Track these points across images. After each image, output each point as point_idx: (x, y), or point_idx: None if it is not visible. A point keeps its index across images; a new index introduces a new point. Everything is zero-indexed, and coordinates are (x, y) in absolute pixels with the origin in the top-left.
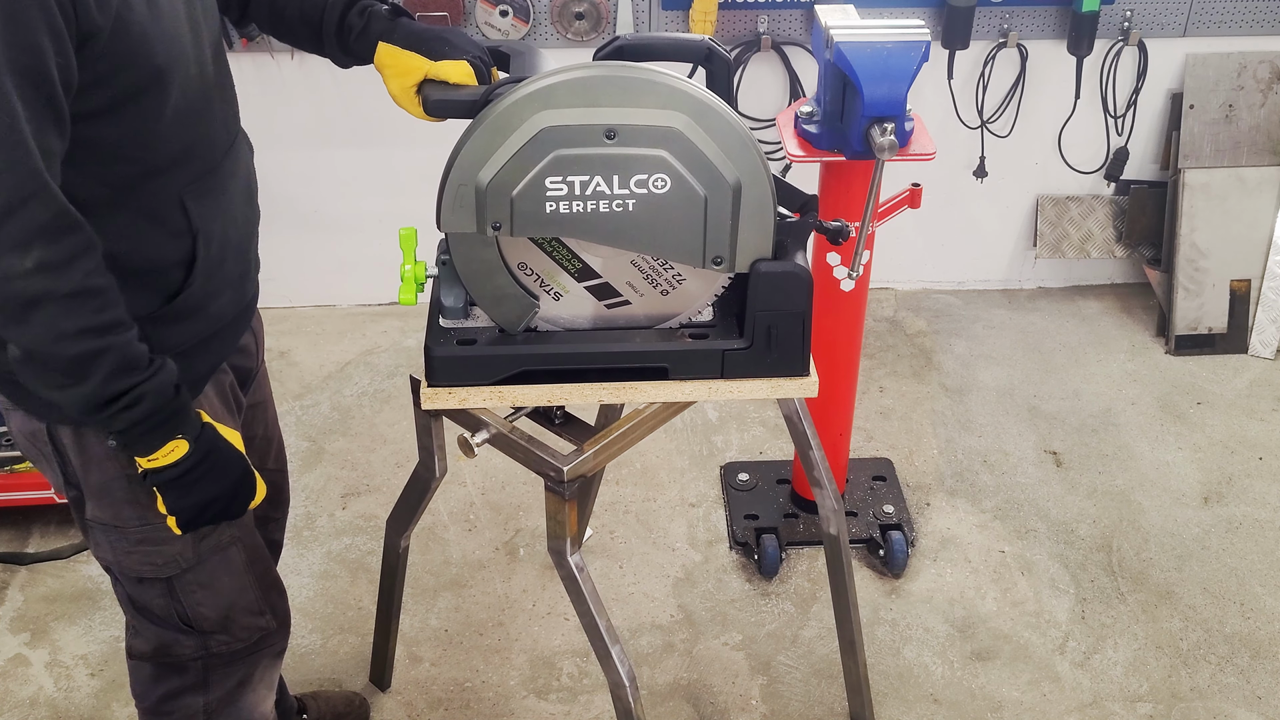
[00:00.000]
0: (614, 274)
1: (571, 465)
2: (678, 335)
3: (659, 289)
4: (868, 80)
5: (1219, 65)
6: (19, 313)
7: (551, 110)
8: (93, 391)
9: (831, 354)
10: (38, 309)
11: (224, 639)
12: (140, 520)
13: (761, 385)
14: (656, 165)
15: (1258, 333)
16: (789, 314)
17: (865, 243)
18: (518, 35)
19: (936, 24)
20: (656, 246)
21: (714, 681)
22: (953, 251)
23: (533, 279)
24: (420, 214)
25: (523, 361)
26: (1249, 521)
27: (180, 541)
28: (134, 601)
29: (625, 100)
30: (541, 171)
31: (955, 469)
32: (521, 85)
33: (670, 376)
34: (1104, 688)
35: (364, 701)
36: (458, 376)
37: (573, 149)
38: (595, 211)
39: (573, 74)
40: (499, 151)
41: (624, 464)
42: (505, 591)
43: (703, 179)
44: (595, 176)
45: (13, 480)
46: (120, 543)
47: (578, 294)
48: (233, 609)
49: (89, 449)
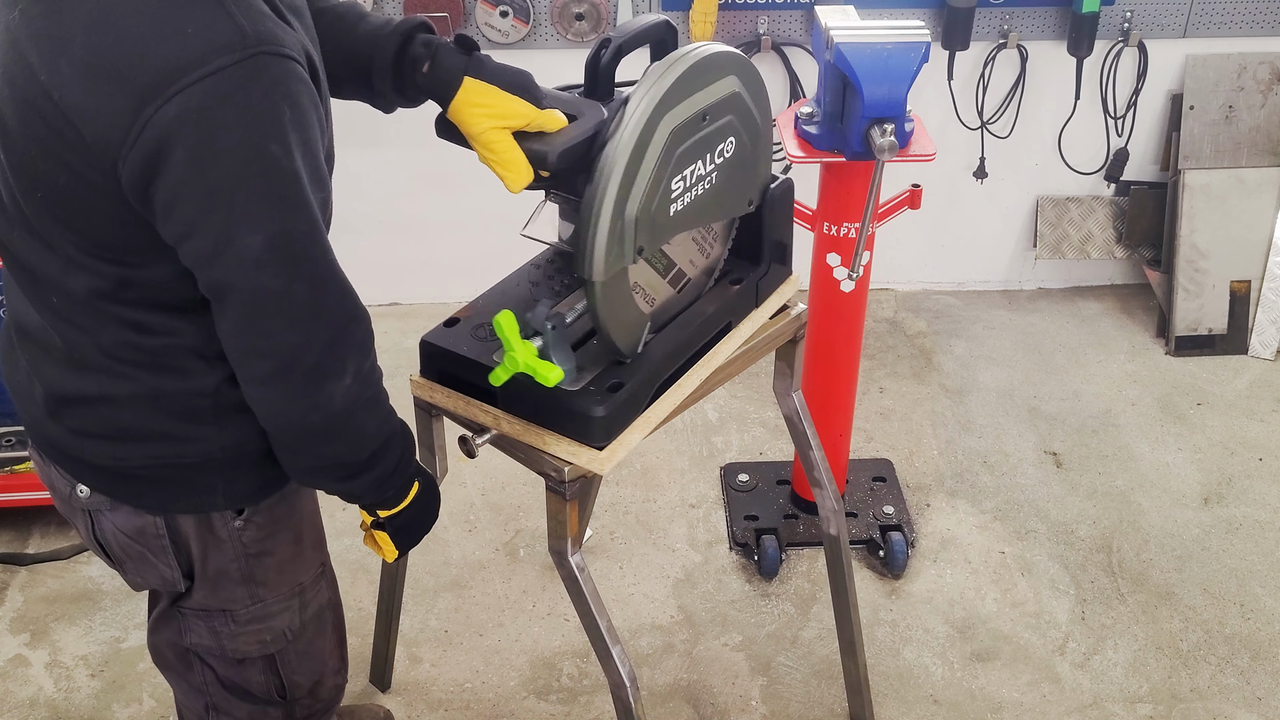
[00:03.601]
0: (682, 256)
1: (572, 465)
2: (725, 290)
3: (704, 254)
4: (868, 81)
5: (1219, 66)
6: (331, 429)
7: (670, 112)
8: (383, 472)
9: (831, 355)
10: (351, 419)
11: (307, 703)
12: (251, 599)
13: (776, 300)
14: (729, 131)
15: (1258, 334)
16: (788, 224)
17: (865, 243)
18: (518, 36)
19: (936, 25)
20: (727, 208)
21: (714, 682)
22: (953, 252)
23: (640, 294)
24: (419, 214)
25: (658, 376)
26: (1249, 522)
27: (287, 613)
28: (226, 683)
29: (706, 80)
30: (669, 175)
31: (955, 470)
32: (639, 101)
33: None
34: (1104, 689)
35: (389, 714)
36: (621, 424)
37: (687, 142)
38: (697, 196)
39: (674, 71)
40: (640, 174)
41: (624, 464)
42: (505, 592)
43: (750, 131)
44: (696, 162)
45: (13, 480)
46: (226, 627)
47: (664, 291)
48: (322, 673)
49: (215, 534)
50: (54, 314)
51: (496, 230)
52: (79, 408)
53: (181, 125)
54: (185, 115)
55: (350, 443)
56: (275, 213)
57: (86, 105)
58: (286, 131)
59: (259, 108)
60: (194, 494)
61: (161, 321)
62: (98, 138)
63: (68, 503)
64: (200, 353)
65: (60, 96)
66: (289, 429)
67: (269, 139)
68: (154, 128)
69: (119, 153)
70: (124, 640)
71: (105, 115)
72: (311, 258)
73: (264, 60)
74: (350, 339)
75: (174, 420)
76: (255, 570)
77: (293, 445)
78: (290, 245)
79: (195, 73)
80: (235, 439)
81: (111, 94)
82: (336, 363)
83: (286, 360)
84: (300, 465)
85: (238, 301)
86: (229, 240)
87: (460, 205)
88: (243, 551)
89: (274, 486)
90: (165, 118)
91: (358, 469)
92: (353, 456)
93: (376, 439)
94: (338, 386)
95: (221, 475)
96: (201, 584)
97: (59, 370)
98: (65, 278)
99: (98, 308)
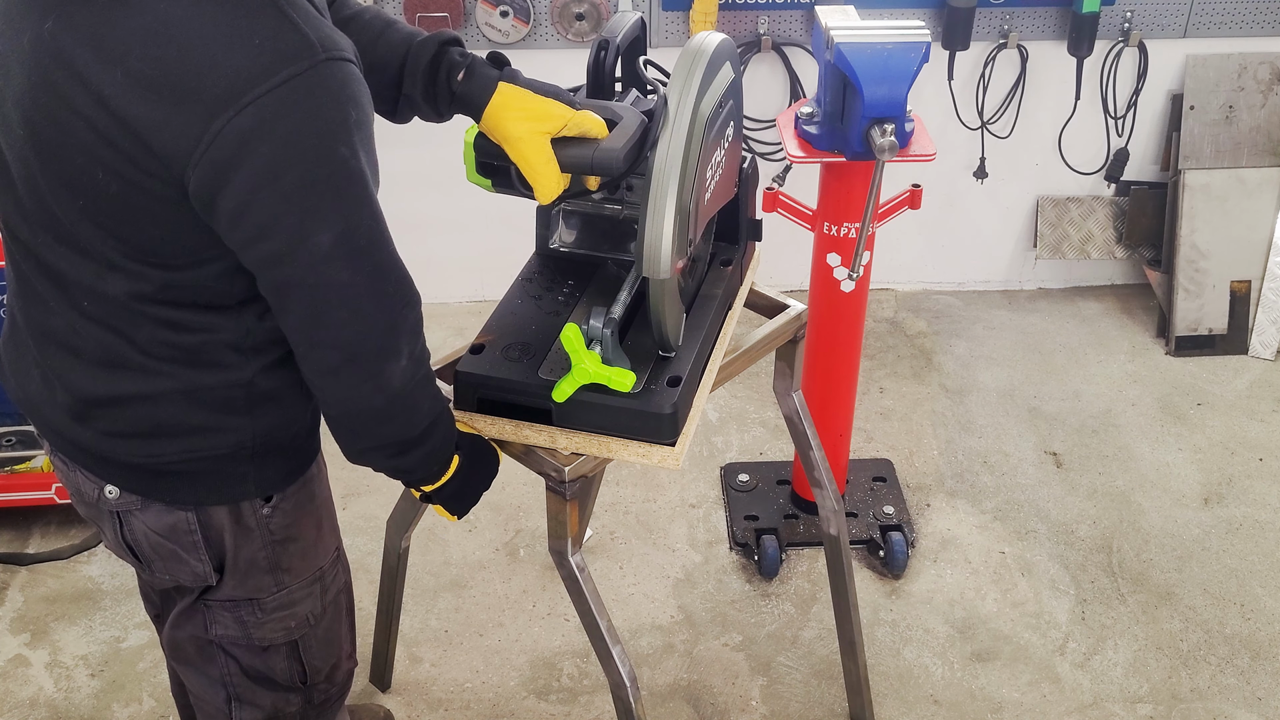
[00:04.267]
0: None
1: (573, 466)
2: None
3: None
4: (868, 81)
5: (1219, 66)
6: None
7: (702, 102)
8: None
9: (832, 354)
10: (408, 399)
11: (324, 687)
12: (277, 586)
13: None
14: (732, 115)
15: (1258, 334)
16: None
17: (865, 244)
18: (518, 36)
19: (937, 25)
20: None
21: (714, 682)
22: (953, 252)
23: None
24: (418, 214)
25: (703, 360)
26: (1249, 523)
27: (310, 599)
28: (250, 673)
29: (717, 68)
30: (702, 162)
31: (955, 470)
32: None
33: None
34: (1104, 689)
35: (389, 714)
36: (684, 416)
37: (713, 130)
38: (716, 180)
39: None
40: (687, 164)
41: (624, 464)
42: (505, 592)
43: (739, 116)
44: (718, 149)
45: (13, 480)
46: (253, 616)
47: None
48: (338, 656)
49: (244, 523)
50: (85, 317)
51: (496, 230)
52: (111, 409)
53: (255, 135)
54: (260, 126)
55: (406, 421)
56: (345, 212)
57: (152, 116)
58: (352, 133)
59: (327, 113)
60: (227, 484)
61: (200, 319)
62: (164, 148)
63: (95, 506)
64: (237, 346)
65: (117, 107)
66: (354, 413)
67: (338, 142)
68: (226, 137)
69: (188, 161)
70: (124, 640)
71: (173, 126)
72: (375, 249)
73: (330, 67)
74: (406, 322)
75: (209, 413)
76: (281, 558)
77: (354, 428)
78: (357, 240)
79: (266, 83)
80: (266, 427)
81: (179, 105)
82: (394, 345)
83: (351, 349)
84: (359, 446)
85: (304, 297)
86: (301, 239)
87: (460, 205)
88: (270, 539)
89: (299, 471)
90: (238, 128)
91: (410, 445)
92: (408, 434)
93: (429, 415)
94: (395, 368)
95: (252, 464)
96: (232, 575)
97: (90, 373)
98: (99, 282)
99: (135, 309)
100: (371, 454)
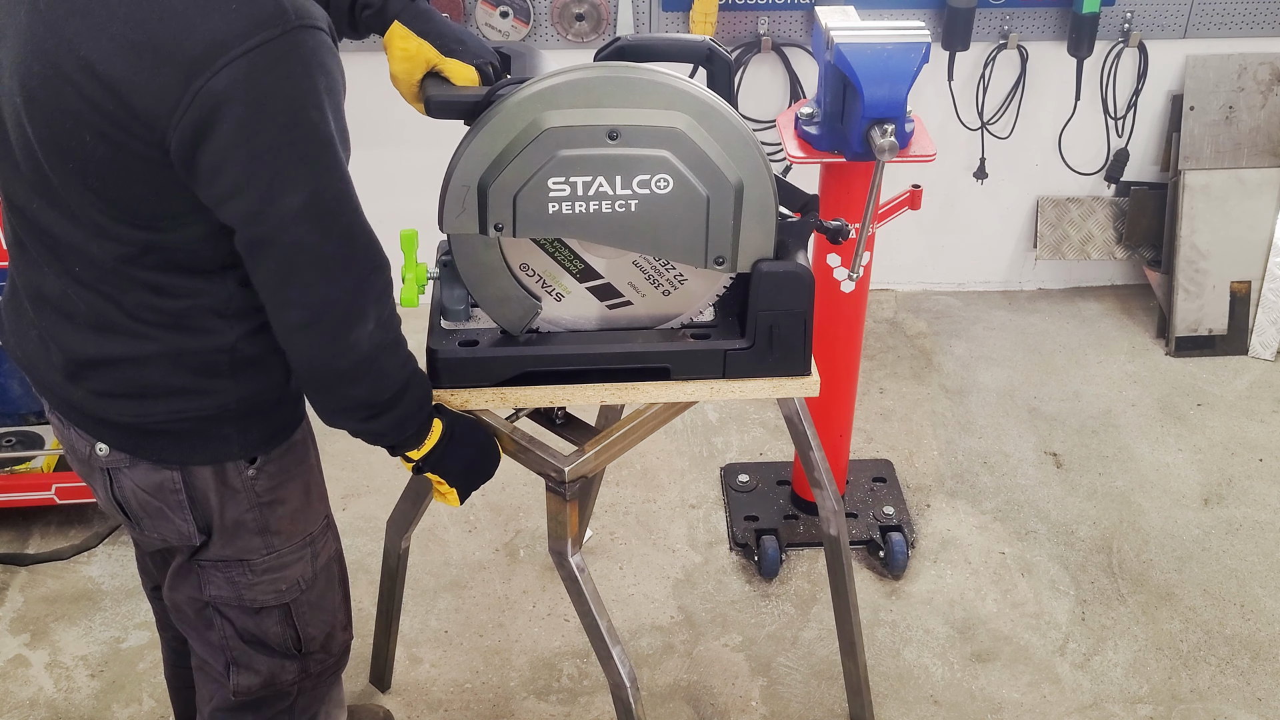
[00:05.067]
0: (616, 274)
1: (573, 466)
2: (680, 335)
3: (661, 289)
4: (868, 81)
5: (1219, 67)
6: (358, 371)
7: (555, 111)
8: (405, 411)
9: (831, 355)
10: (375, 363)
11: (320, 657)
12: (266, 549)
13: (763, 385)
14: (659, 165)
15: (1258, 334)
16: (791, 314)
17: (865, 244)
18: (518, 36)
19: (937, 25)
20: (659, 247)
21: (714, 683)
22: (953, 253)
23: (535, 280)
24: (417, 214)
25: (526, 363)
26: (1249, 523)
27: (300, 563)
28: (245, 635)
29: (628, 101)
30: (545, 172)
31: (955, 470)
32: (524, 86)
33: (673, 377)
34: (1104, 689)
35: (389, 714)
36: (461, 379)
37: (576, 150)
38: (598, 212)
39: (575, 75)
40: (502, 153)
41: (624, 465)
42: (505, 592)
43: (705, 179)
44: (598, 177)
45: (13, 481)
46: (244, 576)
47: (580, 295)
48: (333, 625)
49: (230, 484)
50: (77, 281)
51: None
52: (102, 369)
53: (229, 96)
54: (233, 86)
55: (374, 384)
56: (312, 173)
57: (135, 79)
58: (322, 99)
59: (298, 78)
60: (211, 445)
61: (184, 284)
62: (147, 109)
63: (86, 463)
64: (220, 312)
65: (104, 70)
66: (321, 372)
67: (307, 106)
68: (203, 98)
69: (169, 122)
70: (124, 640)
71: (153, 88)
72: (344, 213)
73: (301, 34)
74: (374, 286)
75: (194, 376)
76: (269, 520)
77: (323, 388)
78: (324, 203)
79: (240, 46)
80: (249, 391)
81: (159, 67)
82: (360, 308)
83: (317, 309)
84: (330, 407)
85: (275, 255)
86: (271, 199)
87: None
88: (256, 501)
89: (283, 435)
90: (214, 89)
91: (380, 409)
92: (377, 397)
93: (398, 380)
94: (363, 331)
95: (235, 426)
96: (220, 535)
97: (81, 335)
98: (90, 245)
99: (123, 273)
100: (342, 416)
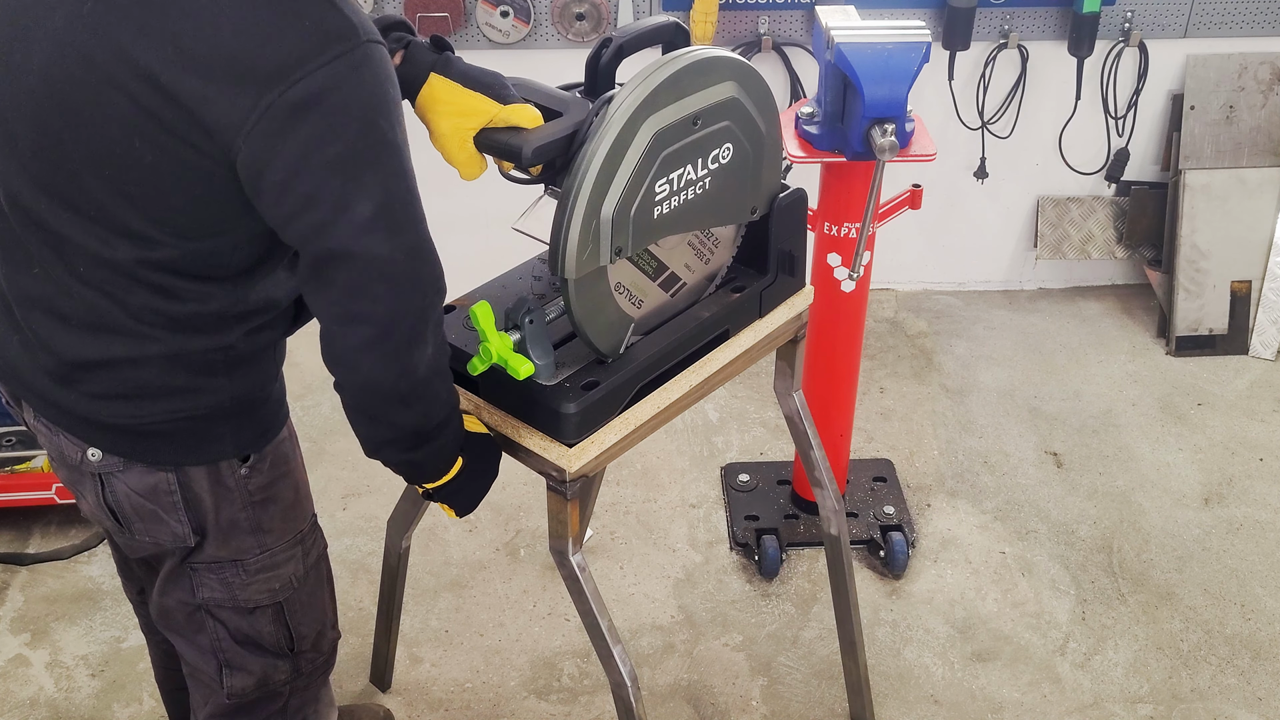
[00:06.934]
0: (675, 260)
1: (573, 466)
2: (726, 296)
3: (704, 259)
4: (868, 81)
5: (1220, 66)
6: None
7: (655, 115)
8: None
9: (832, 355)
10: (429, 387)
11: (311, 655)
12: (259, 548)
13: (783, 311)
14: (725, 137)
15: (1258, 334)
16: (799, 234)
17: (866, 244)
18: (519, 36)
19: (937, 25)
20: (723, 215)
21: (714, 682)
22: (953, 252)
23: (624, 295)
24: None
25: (641, 377)
26: (1249, 523)
27: (292, 561)
28: (238, 637)
29: (698, 84)
30: (652, 178)
31: (956, 470)
32: (620, 102)
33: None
34: (1104, 689)
35: (389, 714)
36: (594, 424)
37: (674, 145)
38: (687, 200)
39: (661, 74)
40: (619, 174)
41: (624, 465)
42: (505, 592)
43: (751, 138)
44: (686, 166)
45: (13, 480)
46: (238, 577)
47: (654, 293)
48: (323, 623)
49: (224, 484)
50: (80, 282)
51: (496, 230)
52: (98, 371)
53: (303, 107)
54: (308, 98)
55: (425, 410)
56: (384, 183)
57: (204, 91)
58: (390, 109)
59: (369, 89)
60: (205, 444)
61: (194, 288)
62: (216, 121)
63: (76, 469)
64: (223, 315)
65: (168, 81)
66: (379, 394)
67: (379, 115)
68: (276, 110)
69: (238, 133)
70: (124, 640)
71: (225, 100)
72: (411, 225)
73: (371, 48)
74: (435, 309)
75: (191, 375)
76: (262, 519)
77: (374, 415)
78: (395, 212)
79: (315, 60)
80: (243, 388)
81: (232, 81)
82: (423, 330)
83: (385, 326)
84: (377, 438)
85: (345, 268)
86: (344, 209)
87: (460, 205)
88: (249, 500)
89: (272, 433)
90: (288, 101)
91: (426, 437)
92: (426, 425)
93: (446, 407)
94: (422, 354)
95: (229, 424)
96: (214, 536)
97: (76, 337)
98: (105, 248)
99: (136, 275)
100: (388, 446)
